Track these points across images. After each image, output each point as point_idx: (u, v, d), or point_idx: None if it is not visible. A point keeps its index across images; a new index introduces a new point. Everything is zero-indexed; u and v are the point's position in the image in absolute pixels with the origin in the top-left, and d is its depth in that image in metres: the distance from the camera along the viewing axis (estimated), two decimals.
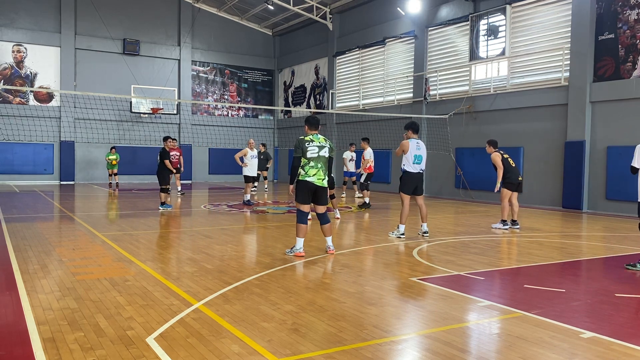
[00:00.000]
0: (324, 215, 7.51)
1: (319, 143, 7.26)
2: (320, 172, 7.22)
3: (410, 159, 9.15)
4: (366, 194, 14.59)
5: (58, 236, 9.15)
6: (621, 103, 14.00)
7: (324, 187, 7.34)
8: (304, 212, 7.35)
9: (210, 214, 12.97)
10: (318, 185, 7.24)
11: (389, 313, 4.82)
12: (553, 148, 15.71)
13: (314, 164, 7.17)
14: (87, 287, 5.57)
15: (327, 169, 7.37)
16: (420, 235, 9.49)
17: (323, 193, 7.37)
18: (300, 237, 7.33)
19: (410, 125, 9.39)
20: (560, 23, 15.55)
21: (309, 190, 7.24)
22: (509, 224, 10.74)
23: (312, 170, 7.17)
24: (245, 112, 30.14)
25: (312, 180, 7.18)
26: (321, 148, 7.26)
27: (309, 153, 7.16)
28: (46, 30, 24.84)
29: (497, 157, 10.70)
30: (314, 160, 7.18)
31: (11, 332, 4.23)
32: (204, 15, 28.41)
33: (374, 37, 22.78)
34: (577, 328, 4.40)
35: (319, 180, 7.23)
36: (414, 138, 9.27)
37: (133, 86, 25.83)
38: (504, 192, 10.72)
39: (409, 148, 9.13)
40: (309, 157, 7.16)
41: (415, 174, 9.22)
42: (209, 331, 4.21)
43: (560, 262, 7.34)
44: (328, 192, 7.86)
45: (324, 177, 7.29)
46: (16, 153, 24.22)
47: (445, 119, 18.95)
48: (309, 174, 7.17)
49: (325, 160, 7.33)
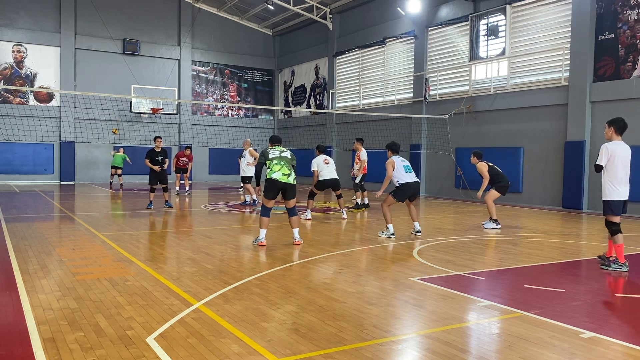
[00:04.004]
0: (293, 209, 8.40)
1: (279, 150, 8.41)
2: (284, 167, 8.12)
3: (401, 170, 9.22)
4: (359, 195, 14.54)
5: (58, 236, 9.15)
6: (621, 103, 14.00)
7: (290, 183, 8.15)
8: (267, 207, 8.23)
9: (210, 214, 12.97)
10: (284, 182, 8.08)
11: (389, 313, 4.82)
12: (553, 148, 15.71)
13: (277, 161, 8.14)
14: (87, 287, 5.57)
15: (291, 167, 8.24)
16: (414, 234, 9.49)
17: (290, 189, 8.20)
18: (262, 228, 8.21)
19: (390, 146, 9.60)
20: (560, 23, 15.55)
21: (276, 188, 8.10)
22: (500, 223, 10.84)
23: (276, 166, 8.08)
24: (245, 112, 30.14)
25: (277, 177, 8.04)
26: (282, 151, 8.38)
27: (270, 155, 8.28)
28: (46, 30, 24.83)
29: (483, 168, 10.91)
30: (277, 159, 8.17)
31: (11, 332, 4.23)
32: (204, 15, 28.41)
33: (374, 37, 22.78)
34: (577, 328, 4.40)
35: (284, 177, 8.09)
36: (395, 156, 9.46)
37: (133, 86, 25.83)
38: (493, 194, 10.88)
39: (396, 163, 9.25)
40: (271, 157, 8.20)
41: (412, 184, 9.25)
42: (209, 331, 4.21)
43: (560, 262, 7.34)
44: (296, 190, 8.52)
45: (289, 173, 8.14)
46: (16, 153, 24.21)
47: (445, 119, 18.96)
48: (273, 169, 8.06)
49: (288, 160, 8.28)
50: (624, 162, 6.65)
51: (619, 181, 6.64)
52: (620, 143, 6.68)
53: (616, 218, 6.74)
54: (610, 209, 6.71)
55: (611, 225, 6.77)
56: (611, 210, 6.72)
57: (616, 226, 6.74)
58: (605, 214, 6.80)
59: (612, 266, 6.79)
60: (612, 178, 6.64)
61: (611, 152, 6.59)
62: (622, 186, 6.67)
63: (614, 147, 6.61)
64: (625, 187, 6.70)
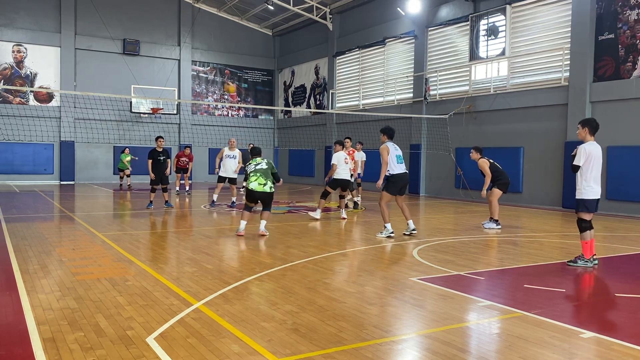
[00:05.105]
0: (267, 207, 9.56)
1: (255, 162, 9.50)
2: (260, 178, 9.24)
3: (394, 159, 9.15)
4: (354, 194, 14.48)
5: (58, 236, 9.15)
6: (621, 103, 14.00)
7: (265, 192, 9.23)
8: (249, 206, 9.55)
9: (210, 214, 12.97)
10: (259, 192, 9.21)
11: (389, 313, 4.82)
12: (553, 148, 15.71)
13: (252, 174, 9.36)
14: (87, 287, 5.57)
15: (267, 176, 9.29)
16: (408, 233, 9.45)
17: (265, 197, 9.33)
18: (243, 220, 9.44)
19: (386, 131, 9.46)
20: (560, 23, 15.55)
21: (254, 196, 9.35)
22: (500, 223, 10.82)
23: (253, 177, 9.31)
24: (245, 112, 30.13)
25: (254, 187, 9.22)
26: (257, 164, 9.45)
27: (248, 169, 9.52)
28: (46, 30, 24.83)
29: (485, 165, 10.82)
30: (252, 172, 9.38)
31: (11, 332, 4.23)
32: (203, 16, 28.41)
33: (374, 37, 22.78)
34: (577, 328, 4.40)
35: (260, 186, 9.20)
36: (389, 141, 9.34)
37: (133, 86, 25.82)
38: (496, 193, 10.83)
39: (390, 150, 9.15)
40: (249, 172, 9.42)
41: (402, 175, 9.22)
42: (209, 331, 4.21)
43: (560, 262, 7.34)
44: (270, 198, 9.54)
45: (264, 182, 9.21)
46: (16, 153, 24.20)
47: (445, 119, 18.95)
48: (250, 180, 9.30)
49: (264, 170, 9.31)
50: (598, 162, 6.93)
51: (594, 180, 6.91)
52: (595, 144, 6.96)
53: (589, 216, 6.99)
54: (586, 207, 6.95)
55: (582, 222, 7.01)
56: (586, 208, 6.96)
57: (587, 223, 7.01)
58: (578, 211, 7.03)
59: (579, 262, 7.00)
60: (588, 178, 6.89)
61: (589, 153, 6.85)
62: (597, 185, 6.95)
63: (591, 148, 6.88)
64: (599, 186, 6.99)
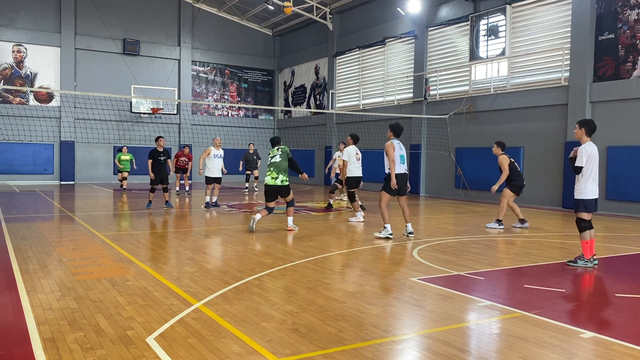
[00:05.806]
0: (290, 202, 9.79)
1: (272, 155, 9.67)
2: (273, 172, 9.51)
3: (397, 159, 9.10)
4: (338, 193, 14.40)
5: (58, 236, 9.15)
6: (621, 103, 14.00)
7: (277, 185, 9.48)
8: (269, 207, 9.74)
9: (210, 213, 12.96)
10: (271, 185, 9.50)
11: (389, 313, 4.82)
12: (553, 148, 15.71)
13: (267, 168, 9.60)
14: (87, 287, 5.57)
15: (280, 169, 9.49)
16: (406, 235, 9.41)
17: (280, 190, 9.54)
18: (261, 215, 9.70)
19: (393, 128, 9.36)
20: (560, 23, 15.55)
21: (270, 191, 9.61)
22: (503, 224, 10.81)
23: (267, 172, 9.61)
24: (245, 112, 30.13)
25: (267, 181, 9.55)
26: (272, 157, 9.64)
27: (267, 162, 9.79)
28: (46, 30, 24.83)
29: (505, 161, 10.72)
30: (268, 166, 9.60)
31: (11, 332, 4.23)
32: (203, 16, 28.40)
33: (374, 37, 22.78)
34: (577, 328, 4.40)
35: (272, 180, 9.50)
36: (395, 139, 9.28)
37: (133, 86, 25.82)
38: (508, 194, 10.78)
39: (395, 148, 9.11)
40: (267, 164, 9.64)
41: (402, 175, 9.18)
42: (209, 331, 4.21)
43: (560, 262, 7.34)
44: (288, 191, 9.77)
45: (276, 176, 9.46)
46: (16, 153, 24.20)
47: (445, 119, 18.95)
48: (266, 175, 9.63)
49: (277, 164, 9.52)
50: (596, 162, 7.00)
51: (593, 181, 6.97)
52: (592, 144, 7.02)
53: (588, 215, 7.02)
54: (585, 207, 7.00)
55: (582, 222, 7.04)
56: (585, 208, 7.00)
57: (586, 223, 7.04)
58: (578, 211, 7.06)
59: (579, 262, 7.01)
60: (587, 178, 6.94)
61: (589, 154, 6.91)
62: (596, 185, 7.02)
63: (591, 149, 6.95)
64: (597, 186, 7.05)
